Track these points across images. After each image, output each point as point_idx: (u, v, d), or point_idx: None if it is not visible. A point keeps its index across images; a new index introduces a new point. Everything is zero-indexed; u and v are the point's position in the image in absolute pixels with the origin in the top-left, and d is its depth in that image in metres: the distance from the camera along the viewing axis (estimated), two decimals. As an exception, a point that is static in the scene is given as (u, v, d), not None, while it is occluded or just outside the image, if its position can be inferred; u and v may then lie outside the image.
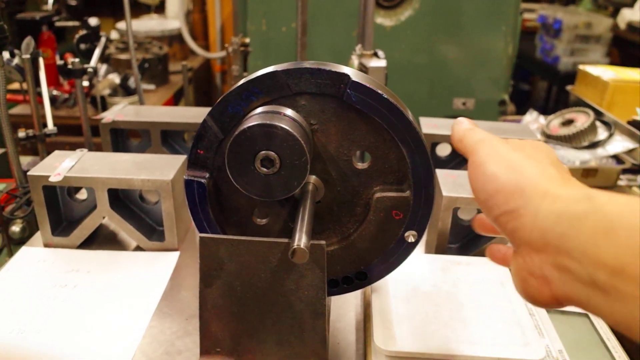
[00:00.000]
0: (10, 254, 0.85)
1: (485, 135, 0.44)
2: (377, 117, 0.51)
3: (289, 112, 0.51)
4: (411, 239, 0.55)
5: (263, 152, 0.48)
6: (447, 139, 0.99)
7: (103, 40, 1.35)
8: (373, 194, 0.55)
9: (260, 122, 0.47)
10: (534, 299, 0.37)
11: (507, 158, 0.40)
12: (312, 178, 0.55)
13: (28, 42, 1.03)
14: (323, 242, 0.53)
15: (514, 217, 0.37)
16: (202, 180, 0.55)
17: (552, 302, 0.36)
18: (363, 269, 0.58)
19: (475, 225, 0.53)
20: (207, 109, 0.53)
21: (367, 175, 0.55)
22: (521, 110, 1.87)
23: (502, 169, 0.39)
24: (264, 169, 0.49)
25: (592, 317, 0.69)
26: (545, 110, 1.60)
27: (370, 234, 0.56)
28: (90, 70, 1.12)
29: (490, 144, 0.42)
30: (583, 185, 0.37)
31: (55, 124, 1.06)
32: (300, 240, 0.46)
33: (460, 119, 0.49)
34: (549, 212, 0.35)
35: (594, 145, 1.28)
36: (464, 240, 0.84)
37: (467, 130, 0.46)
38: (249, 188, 0.50)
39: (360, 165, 0.55)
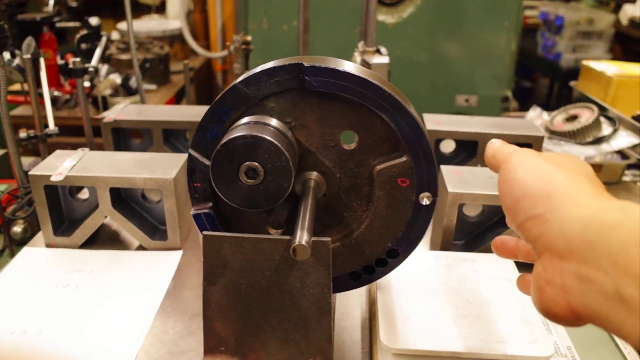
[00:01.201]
0: (12, 254, 0.85)
1: (517, 148, 0.45)
2: (345, 93, 0.50)
3: (263, 119, 0.52)
4: (426, 202, 0.54)
5: (245, 164, 0.48)
6: (450, 135, 0.98)
7: (104, 39, 1.35)
8: (373, 169, 0.54)
9: (230, 137, 0.48)
10: (549, 310, 0.36)
11: (538, 166, 0.40)
12: (313, 174, 0.55)
13: (29, 42, 1.02)
14: (328, 239, 0.52)
15: (539, 222, 0.36)
16: (209, 211, 0.55)
17: (568, 315, 0.35)
18: (392, 246, 0.57)
19: (494, 247, 0.52)
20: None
21: (360, 152, 0.54)
22: (523, 107, 1.86)
23: (531, 174, 0.39)
24: (251, 181, 0.49)
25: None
26: (547, 107, 1.59)
27: (386, 210, 0.55)
28: (91, 69, 1.11)
29: (522, 153, 0.43)
30: (616, 199, 0.35)
31: (56, 125, 1.06)
32: (302, 237, 0.46)
33: (494, 140, 0.49)
34: (576, 218, 0.34)
35: (598, 140, 1.27)
36: (470, 236, 0.83)
37: (499, 147, 0.47)
38: (240, 202, 0.50)
39: (350, 146, 0.54)
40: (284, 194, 0.50)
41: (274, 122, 0.52)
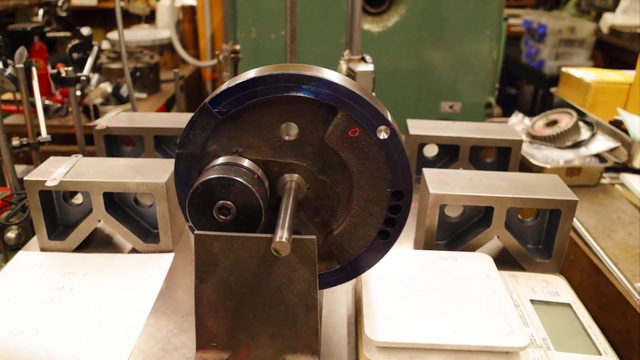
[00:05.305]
0: (6, 259, 0.86)
1: None
2: (253, 99, 0.53)
3: (219, 160, 0.56)
4: (384, 135, 0.55)
5: (219, 203, 0.53)
6: (433, 139, 1.02)
7: (95, 49, 1.37)
8: (323, 140, 0.56)
9: (195, 189, 0.53)
10: None
11: None
12: (286, 177, 0.58)
13: (21, 52, 1.04)
14: (313, 237, 0.55)
15: None
16: None
17: None
18: (392, 190, 0.57)
19: None
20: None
21: (306, 134, 0.56)
22: (508, 114, 1.90)
23: None
24: (223, 217, 0.54)
25: (574, 306, 0.72)
26: (532, 113, 1.63)
27: (362, 164, 0.57)
28: (83, 78, 1.13)
29: None
30: None
31: (48, 133, 1.08)
32: (282, 235, 0.49)
33: None
34: None
35: (577, 144, 1.31)
36: (452, 236, 0.86)
37: None
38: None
39: (293, 136, 0.57)
40: (262, 204, 0.54)
41: (230, 157, 0.56)
